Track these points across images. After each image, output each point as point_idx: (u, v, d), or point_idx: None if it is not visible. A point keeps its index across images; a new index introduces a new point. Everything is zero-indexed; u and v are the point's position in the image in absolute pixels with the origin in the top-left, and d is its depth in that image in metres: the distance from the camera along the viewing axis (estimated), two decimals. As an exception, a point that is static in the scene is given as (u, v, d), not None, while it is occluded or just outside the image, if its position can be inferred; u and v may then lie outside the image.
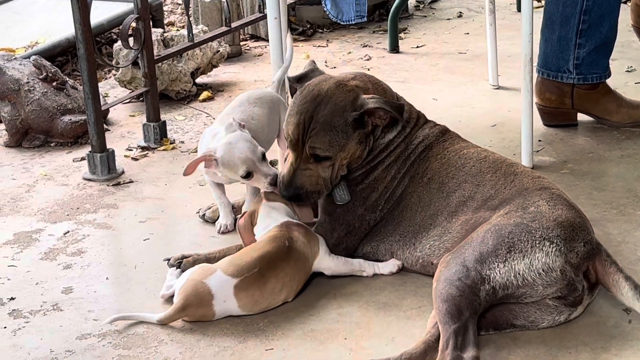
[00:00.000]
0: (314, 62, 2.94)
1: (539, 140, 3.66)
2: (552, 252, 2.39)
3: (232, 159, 2.76)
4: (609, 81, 3.76)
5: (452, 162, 2.75)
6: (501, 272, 2.38)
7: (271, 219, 2.72)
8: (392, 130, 2.80)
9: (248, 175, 2.76)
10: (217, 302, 2.51)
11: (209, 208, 3.15)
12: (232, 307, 2.53)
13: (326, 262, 2.69)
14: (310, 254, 2.66)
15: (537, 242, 2.40)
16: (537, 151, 3.55)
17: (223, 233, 3.00)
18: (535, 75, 3.62)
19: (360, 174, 2.79)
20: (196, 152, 3.74)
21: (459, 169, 2.73)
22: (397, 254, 2.75)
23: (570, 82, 3.70)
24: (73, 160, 3.73)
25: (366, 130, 2.73)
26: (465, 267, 2.39)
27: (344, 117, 2.68)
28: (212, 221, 3.10)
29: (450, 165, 2.75)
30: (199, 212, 3.17)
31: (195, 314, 2.52)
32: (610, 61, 3.75)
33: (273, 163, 3.51)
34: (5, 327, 2.58)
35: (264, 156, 2.80)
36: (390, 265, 2.74)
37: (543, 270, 2.38)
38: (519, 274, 2.38)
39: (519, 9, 5.40)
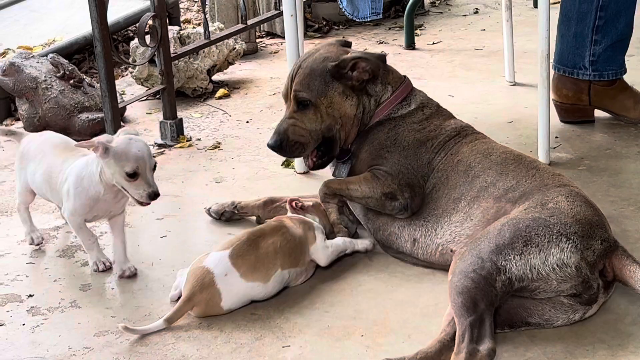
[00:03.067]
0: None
1: (556, 137, 3.65)
2: (567, 248, 2.38)
3: (127, 152, 2.59)
4: (626, 78, 3.75)
5: (481, 149, 2.80)
6: (517, 264, 2.37)
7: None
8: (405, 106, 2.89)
9: (134, 175, 2.58)
10: (218, 279, 2.52)
11: (216, 203, 3.15)
12: (235, 281, 2.54)
13: (322, 251, 2.72)
14: (304, 235, 2.70)
15: (554, 237, 2.40)
16: (554, 148, 3.54)
17: (102, 271, 2.81)
18: (552, 71, 3.62)
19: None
20: (213, 149, 3.75)
21: (485, 156, 2.76)
22: (419, 240, 2.76)
23: (586, 78, 3.69)
24: (90, 158, 3.74)
25: (350, 83, 2.82)
26: (480, 258, 2.38)
27: (324, 64, 2.82)
28: (217, 216, 3.10)
29: (478, 151, 2.79)
30: (206, 208, 3.16)
31: (202, 299, 2.52)
32: (626, 58, 3.74)
33: (289, 161, 3.52)
34: (24, 324, 2.59)
35: (154, 168, 2.65)
36: (365, 243, 2.83)
37: (557, 266, 2.37)
38: (534, 267, 2.37)
39: (535, 5, 5.38)
